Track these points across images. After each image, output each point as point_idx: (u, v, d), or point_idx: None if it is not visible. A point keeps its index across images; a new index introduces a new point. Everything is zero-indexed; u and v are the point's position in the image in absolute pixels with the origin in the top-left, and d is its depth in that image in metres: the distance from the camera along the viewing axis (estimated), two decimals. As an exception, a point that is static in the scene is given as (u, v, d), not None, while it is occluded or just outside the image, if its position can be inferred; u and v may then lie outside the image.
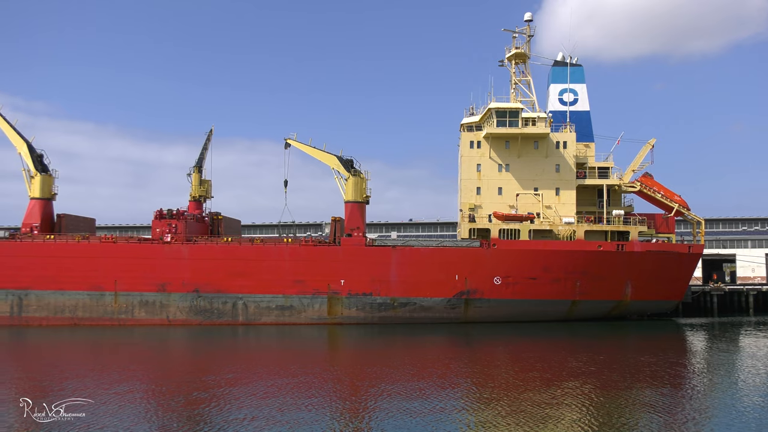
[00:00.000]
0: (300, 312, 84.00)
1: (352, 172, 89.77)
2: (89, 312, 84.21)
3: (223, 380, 47.55)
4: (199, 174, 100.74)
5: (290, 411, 37.63)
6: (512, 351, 65.07)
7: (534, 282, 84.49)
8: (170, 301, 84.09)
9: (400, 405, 39.09)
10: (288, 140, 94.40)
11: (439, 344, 70.71)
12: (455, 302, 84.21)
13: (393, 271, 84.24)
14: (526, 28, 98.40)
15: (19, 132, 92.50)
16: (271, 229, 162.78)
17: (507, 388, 44.44)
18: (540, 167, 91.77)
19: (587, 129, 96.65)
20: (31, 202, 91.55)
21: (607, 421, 36.09)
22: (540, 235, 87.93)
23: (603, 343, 71.27)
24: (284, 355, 63.04)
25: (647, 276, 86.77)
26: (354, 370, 54.32)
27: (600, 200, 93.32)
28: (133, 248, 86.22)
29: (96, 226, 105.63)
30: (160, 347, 69.46)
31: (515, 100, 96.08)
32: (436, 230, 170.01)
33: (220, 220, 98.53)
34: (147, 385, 47.36)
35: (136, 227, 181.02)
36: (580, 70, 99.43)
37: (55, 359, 61.01)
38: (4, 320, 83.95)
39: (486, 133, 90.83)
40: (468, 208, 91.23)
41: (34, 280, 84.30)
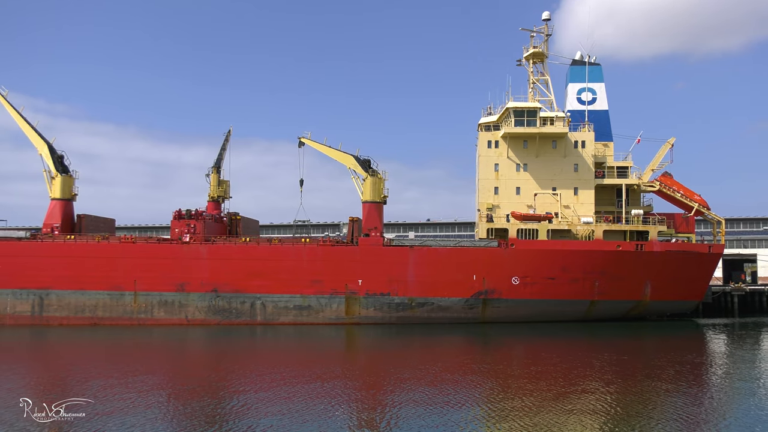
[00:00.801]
0: (318, 312, 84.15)
1: (370, 173, 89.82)
2: (109, 312, 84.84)
3: (245, 380, 47.78)
4: (217, 174, 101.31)
5: (309, 412, 37.74)
6: (533, 351, 64.89)
7: (552, 282, 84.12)
8: (189, 301, 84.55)
9: (420, 405, 39.12)
10: (302, 139, 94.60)
11: (458, 344, 70.68)
12: (473, 302, 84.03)
13: (411, 271, 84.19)
14: (544, 27, 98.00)
15: (41, 133, 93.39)
16: (288, 229, 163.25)
17: (532, 388, 44.33)
18: (558, 167, 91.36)
19: (606, 128, 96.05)
20: (51, 202, 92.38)
21: (635, 421, 35.92)
22: (558, 235, 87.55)
23: (624, 343, 70.88)
24: (304, 356, 63.16)
25: (667, 276, 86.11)
26: (374, 370, 54.36)
27: (619, 200, 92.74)
28: (153, 248, 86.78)
29: (116, 226, 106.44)
30: (181, 347, 69.87)
31: (533, 100, 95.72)
32: (453, 230, 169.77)
33: (239, 220, 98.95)
34: (168, 385, 47.64)
35: (155, 227, 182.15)
36: (598, 69, 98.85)
37: (79, 359, 61.57)
38: (25, 320, 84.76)
39: (504, 132, 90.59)
40: (486, 208, 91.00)
41: (55, 280, 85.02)
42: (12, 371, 52.61)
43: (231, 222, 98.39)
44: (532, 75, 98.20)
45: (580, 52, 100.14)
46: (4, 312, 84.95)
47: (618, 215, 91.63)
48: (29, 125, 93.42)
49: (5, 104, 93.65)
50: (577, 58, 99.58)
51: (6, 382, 46.65)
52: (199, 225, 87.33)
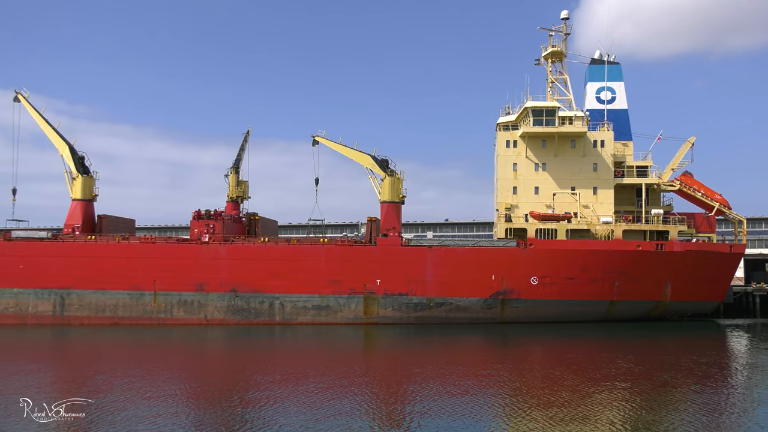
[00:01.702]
0: (336, 312, 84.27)
1: (388, 173, 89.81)
2: (129, 311, 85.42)
3: (269, 381, 48.02)
4: (236, 175, 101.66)
5: (330, 412, 37.93)
6: (554, 351, 64.67)
7: (571, 282, 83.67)
8: (208, 301, 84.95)
9: (444, 406, 39.18)
10: (316, 137, 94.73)
11: (478, 344, 70.65)
12: (491, 302, 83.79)
13: (429, 271, 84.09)
14: (563, 26, 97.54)
15: (62, 135, 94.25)
16: (307, 229, 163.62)
17: (558, 388, 44.25)
18: (577, 166, 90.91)
19: (625, 127, 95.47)
20: (72, 203, 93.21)
21: (666, 422, 35.82)
22: (577, 235, 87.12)
23: (646, 344, 70.48)
24: (326, 356, 63.22)
25: (687, 276, 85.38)
26: (394, 370, 54.34)
27: (638, 199, 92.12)
28: (172, 248, 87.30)
29: (135, 226, 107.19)
30: (203, 347, 70.22)
31: (552, 99, 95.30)
32: (472, 230, 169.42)
33: (257, 220, 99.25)
34: (194, 385, 47.93)
35: (174, 228, 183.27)
36: (617, 68, 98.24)
37: (103, 358, 62.16)
38: (46, 319, 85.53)
39: (522, 132, 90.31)
40: (504, 208, 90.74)
41: (76, 279, 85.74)
42: (36, 371, 53.00)
43: (250, 222, 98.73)
44: (550, 74, 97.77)
45: (599, 51, 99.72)
46: (26, 311, 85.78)
47: (638, 215, 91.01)
48: (50, 126, 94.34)
49: (27, 106, 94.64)
50: (596, 57, 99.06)
51: (32, 381, 47.06)
52: (218, 225, 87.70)
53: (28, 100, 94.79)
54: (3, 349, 69.02)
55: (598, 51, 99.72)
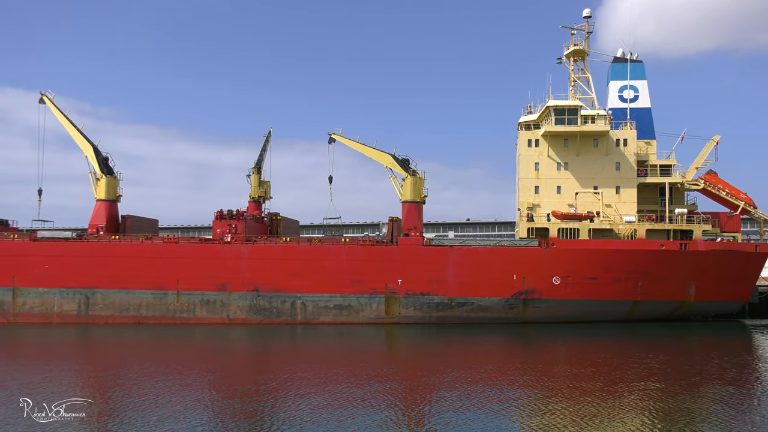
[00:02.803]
0: (358, 311, 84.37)
1: (410, 172, 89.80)
2: (153, 311, 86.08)
3: (295, 380, 48.04)
4: (258, 175, 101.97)
5: (353, 412, 38.06)
6: (582, 351, 64.28)
7: (594, 282, 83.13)
8: (231, 301, 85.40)
9: (469, 406, 39.22)
10: (332, 135, 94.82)
11: (501, 344, 70.60)
12: (513, 302, 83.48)
13: (450, 271, 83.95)
14: (585, 24, 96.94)
15: (86, 136, 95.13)
16: (323, 228, 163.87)
17: (590, 388, 44.03)
18: (600, 165, 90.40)
19: (648, 126, 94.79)
20: (97, 203, 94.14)
21: (705, 423, 35.65)
22: (600, 235, 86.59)
23: (672, 344, 70.08)
24: (350, 355, 63.38)
25: (712, 276, 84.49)
26: (421, 370, 54.23)
27: (662, 199, 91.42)
28: (195, 248, 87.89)
29: (159, 226, 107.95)
30: (228, 346, 70.73)
31: (574, 98, 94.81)
32: (493, 230, 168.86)
33: (279, 220, 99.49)
34: (222, 384, 48.30)
35: (197, 228, 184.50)
36: (640, 66, 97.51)
37: (131, 356, 62.77)
38: (71, 318, 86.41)
39: (544, 131, 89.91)
40: (526, 207, 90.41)
41: (100, 279, 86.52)
42: (65, 370, 53.59)
43: (271, 222, 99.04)
44: (572, 73, 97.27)
45: (622, 50, 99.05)
46: (51, 311, 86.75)
47: (661, 214, 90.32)
48: (75, 128, 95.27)
49: (52, 107, 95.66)
50: (618, 55, 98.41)
51: (57, 380, 47.65)
52: (241, 225, 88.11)
53: (53, 101, 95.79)
54: (32, 347, 69.99)
55: (620, 49, 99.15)
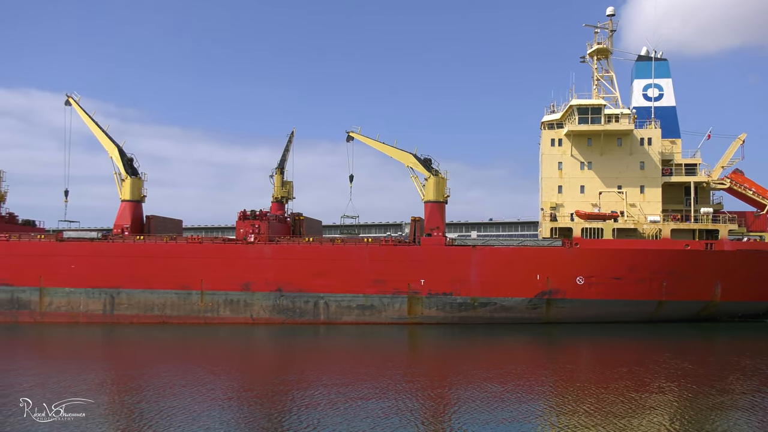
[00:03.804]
0: (380, 311, 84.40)
1: (432, 172, 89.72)
2: (177, 310, 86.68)
3: (323, 379, 48.16)
4: (281, 175, 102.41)
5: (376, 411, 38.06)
6: (608, 352, 64.08)
7: (618, 282, 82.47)
8: (254, 300, 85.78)
9: (496, 407, 39.15)
10: (351, 133, 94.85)
11: (526, 344, 70.27)
12: (537, 302, 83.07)
13: (473, 271, 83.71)
14: (609, 22, 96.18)
15: (111, 137, 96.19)
16: (345, 229, 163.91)
17: (624, 389, 43.74)
18: (624, 164, 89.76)
19: (673, 125, 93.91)
20: (122, 204, 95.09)
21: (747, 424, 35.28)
22: (624, 234, 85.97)
23: (701, 344, 69.89)
24: (373, 356, 63.46)
25: (738, 276, 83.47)
26: (443, 370, 54.43)
27: (687, 198, 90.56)
28: (218, 248, 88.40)
29: (183, 227, 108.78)
30: (252, 346, 71.33)
31: (597, 97, 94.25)
32: (516, 230, 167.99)
33: (302, 220, 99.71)
34: (251, 384, 48.72)
35: (220, 228, 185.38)
36: (665, 65, 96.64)
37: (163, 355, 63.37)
38: (97, 318, 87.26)
39: (567, 130, 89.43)
40: (549, 207, 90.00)
41: (125, 279, 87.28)
42: (96, 369, 54.22)
43: (294, 222, 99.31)
44: (596, 72, 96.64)
45: (646, 48, 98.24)
46: (77, 310, 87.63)
47: (686, 214, 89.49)
48: (100, 129, 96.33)
49: (78, 109, 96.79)
50: (642, 53, 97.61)
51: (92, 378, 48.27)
52: (264, 225, 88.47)
53: (78, 103, 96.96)
54: (59, 346, 70.93)
55: (644, 47, 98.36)
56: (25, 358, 61.99)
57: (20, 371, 51.75)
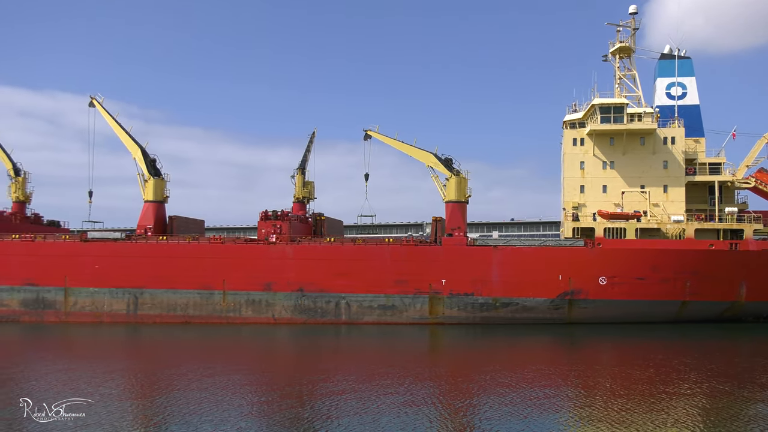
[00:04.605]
0: (401, 312, 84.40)
1: (453, 172, 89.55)
2: (199, 310, 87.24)
3: (348, 379, 48.29)
4: (302, 176, 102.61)
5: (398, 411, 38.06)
6: (634, 353, 63.28)
7: (641, 282, 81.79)
8: (276, 300, 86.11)
9: (521, 408, 38.99)
10: (368, 131, 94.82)
11: (549, 345, 69.88)
12: (558, 303, 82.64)
13: (495, 271, 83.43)
14: (631, 21, 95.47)
15: (134, 138, 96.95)
16: (372, 229, 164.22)
17: (655, 392, 43.33)
18: (647, 164, 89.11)
19: (697, 124, 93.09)
20: (145, 204, 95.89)
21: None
22: (647, 234, 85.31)
23: (727, 345, 69.02)
24: (396, 356, 63.39)
25: (764, 276, 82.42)
26: (467, 370, 54.31)
27: (711, 197, 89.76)
28: (240, 249, 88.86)
29: (205, 227, 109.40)
30: (275, 345, 71.74)
31: (620, 96, 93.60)
32: (538, 229, 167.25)
33: (323, 220, 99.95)
34: (277, 384, 49.00)
35: (242, 228, 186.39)
36: (688, 63, 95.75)
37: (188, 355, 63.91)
38: (121, 317, 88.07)
39: (590, 129, 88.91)
40: (571, 207, 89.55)
41: (149, 279, 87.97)
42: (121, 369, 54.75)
43: (316, 222, 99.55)
44: (618, 70, 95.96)
45: (669, 46, 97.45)
46: (101, 310, 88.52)
47: (710, 213, 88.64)
48: (123, 130, 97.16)
49: (101, 111, 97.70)
50: (665, 51, 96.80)
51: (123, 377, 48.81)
52: (285, 225, 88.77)
53: (102, 105, 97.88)
54: (84, 345, 71.76)
55: (668, 45, 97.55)
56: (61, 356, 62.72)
57: (57, 370, 52.25)
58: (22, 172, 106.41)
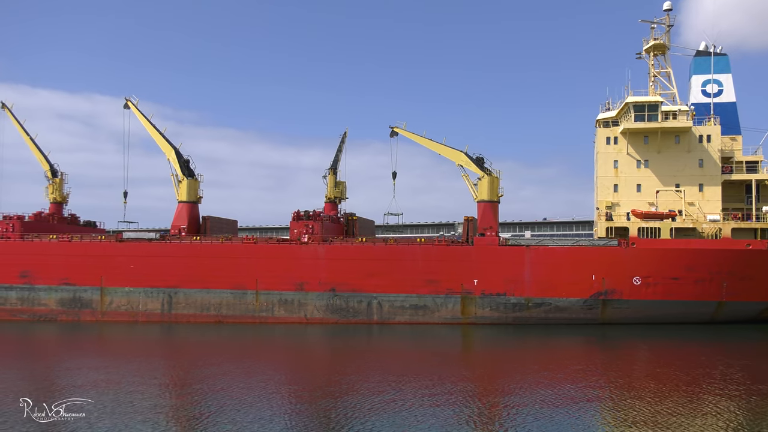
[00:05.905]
0: (433, 311, 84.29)
1: (486, 171, 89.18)
2: (232, 310, 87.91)
3: (385, 380, 48.37)
4: (334, 176, 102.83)
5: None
6: (672, 354, 62.63)
7: (676, 282, 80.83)
8: (308, 300, 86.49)
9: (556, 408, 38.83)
10: (394, 128, 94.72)
11: (582, 345, 69.33)
12: (592, 303, 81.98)
13: (527, 271, 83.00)
14: (666, 17, 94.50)
15: (168, 139, 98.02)
16: (403, 229, 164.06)
17: (699, 393, 42.94)
18: (682, 162, 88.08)
19: (733, 121, 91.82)
20: (179, 205, 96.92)
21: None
22: (682, 234, 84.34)
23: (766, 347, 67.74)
24: (430, 356, 63.24)
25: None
26: (502, 371, 54.29)
27: (748, 196, 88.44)
28: (273, 249, 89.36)
29: (238, 227, 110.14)
30: (308, 345, 72.01)
31: (654, 94, 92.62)
32: (571, 229, 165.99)
33: (355, 220, 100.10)
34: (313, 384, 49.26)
35: (275, 228, 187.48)
36: (725, 60, 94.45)
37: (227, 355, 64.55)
38: (155, 317, 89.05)
39: (623, 128, 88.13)
40: (605, 206, 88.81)
41: (183, 279, 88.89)
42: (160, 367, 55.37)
43: (347, 222, 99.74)
44: (652, 68, 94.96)
45: (705, 43, 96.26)
46: (137, 309, 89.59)
47: (747, 212, 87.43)
48: (158, 132, 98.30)
49: (136, 112, 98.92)
50: (701, 48, 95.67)
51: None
52: (317, 226, 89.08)
53: (137, 106, 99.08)
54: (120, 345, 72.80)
55: (703, 42, 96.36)
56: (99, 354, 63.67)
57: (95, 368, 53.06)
58: (59, 173, 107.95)
